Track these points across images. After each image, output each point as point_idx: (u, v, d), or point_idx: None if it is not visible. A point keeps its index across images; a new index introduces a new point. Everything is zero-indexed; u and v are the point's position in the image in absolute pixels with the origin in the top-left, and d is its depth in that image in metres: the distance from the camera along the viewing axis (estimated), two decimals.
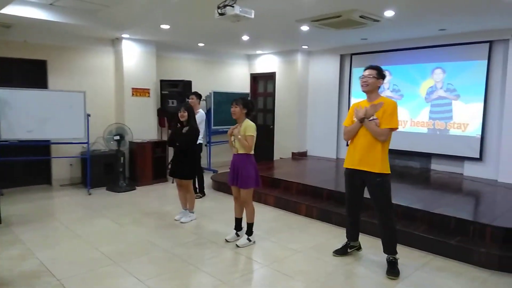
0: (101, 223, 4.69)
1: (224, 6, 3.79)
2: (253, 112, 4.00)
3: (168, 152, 7.05)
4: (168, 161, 6.95)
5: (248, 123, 3.88)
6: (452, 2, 4.43)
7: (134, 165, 6.80)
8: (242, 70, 9.18)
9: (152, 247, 3.92)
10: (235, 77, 9.04)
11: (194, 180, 5.98)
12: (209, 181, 6.68)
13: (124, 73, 6.84)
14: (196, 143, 4.74)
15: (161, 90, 7.28)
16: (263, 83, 9.24)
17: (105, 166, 6.47)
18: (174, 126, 4.82)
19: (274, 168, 7.25)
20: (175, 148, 4.69)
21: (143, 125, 7.05)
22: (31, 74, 6.29)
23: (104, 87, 7.01)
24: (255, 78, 9.31)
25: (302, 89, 8.40)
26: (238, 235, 4.11)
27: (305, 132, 8.58)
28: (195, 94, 5.91)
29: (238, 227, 4.16)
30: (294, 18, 5.20)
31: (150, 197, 6.03)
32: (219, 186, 6.38)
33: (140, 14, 5.41)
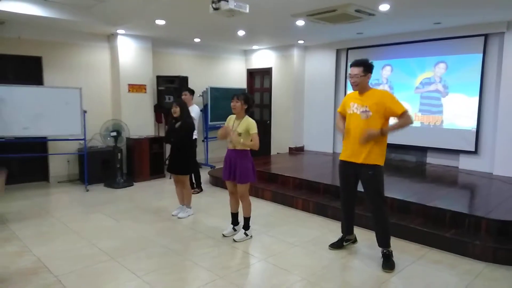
0: (98, 219, 4.70)
1: (218, 0, 3.78)
2: (252, 108, 4.00)
3: (165, 148, 7.04)
4: (165, 156, 6.95)
5: (249, 121, 3.86)
6: None
7: (132, 161, 6.80)
8: (238, 65, 9.16)
9: (149, 243, 3.93)
10: (232, 72, 9.02)
11: (191, 175, 6.00)
12: (206, 176, 6.70)
13: (120, 69, 6.81)
14: (191, 138, 4.73)
15: (157, 86, 7.27)
16: (260, 79, 9.23)
17: (102, 163, 6.47)
18: (169, 122, 4.83)
19: (271, 163, 7.26)
20: (171, 144, 4.70)
21: (140, 121, 7.04)
22: (26, 70, 6.26)
23: (100, 83, 6.99)
24: (252, 74, 9.30)
25: (299, 84, 8.40)
26: (235, 230, 4.13)
27: (301, 127, 8.59)
28: (188, 90, 5.94)
29: (235, 222, 4.17)
30: (290, 12, 5.19)
31: (147, 193, 6.04)
32: (217, 181, 6.39)
33: (135, 9, 5.38)
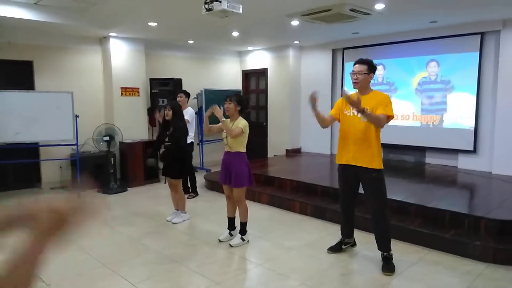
0: (91, 226, 4.58)
1: (211, 1, 3.71)
2: (246, 109, 3.93)
3: (159, 153, 6.95)
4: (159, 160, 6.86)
5: (241, 121, 3.80)
6: None
7: (125, 166, 6.69)
8: (233, 67, 9.09)
9: (143, 249, 3.84)
10: (227, 74, 8.95)
11: (186, 179, 5.91)
12: (202, 180, 6.60)
13: (112, 72, 6.71)
14: (183, 142, 4.64)
15: (151, 89, 7.18)
16: (255, 80, 9.16)
17: (95, 168, 6.36)
18: (161, 126, 4.75)
19: (268, 165, 7.18)
20: (164, 148, 4.61)
21: (134, 125, 6.94)
22: (17, 75, 6.14)
23: (92, 87, 6.89)
24: (247, 75, 9.23)
25: (295, 85, 8.34)
26: (231, 235, 4.05)
27: (298, 128, 8.53)
28: (184, 92, 5.91)
29: (232, 227, 4.09)
30: (284, 12, 5.12)
31: (142, 198, 5.94)
32: (212, 185, 6.30)
33: (127, 12, 5.30)
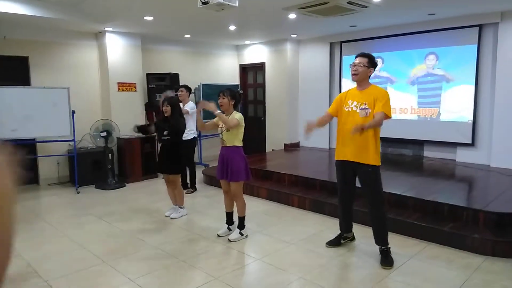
0: (89, 222, 4.59)
1: None
2: (239, 103, 3.93)
3: (157, 147, 6.93)
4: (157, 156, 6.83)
5: (236, 114, 3.80)
6: None
7: (123, 161, 6.67)
8: (230, 61, 9.04)
9: (142, 245, 3.83)
10: (224, 68, 8.90)
11: (185, 175, 5.89)
12: (200, 175, 6.59)
13: (109, 67, 6.67)
14: (181, 138, 4.62)
15: (147, 84, 7.13)
16: (253, 74, 9.12)
17: (93, 164, 6.34)
18: (159, 120, 4.72)
19: (266, 160, 7.17)
20: (162, 142, 4.59)
21: (131, 120, 6.86)
22: (13, 71, 6.10)
23: (89, 83, 6.85)
24: (245, 69, 9.18)
25: (293, 79, 8.30)
26: (230, 230, 4.04)
27: (296, 122, 8.50)
28: (185, 87, 5.82)
29: (230, 221, 4.08)
30: (281, 6, 5.08)
31: (140, 193, 5.92)
32: (211, 180, 6.29)
33: (121, 6, 5.25)
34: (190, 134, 5.59)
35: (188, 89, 5.83)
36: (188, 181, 5.91)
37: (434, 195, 4.30)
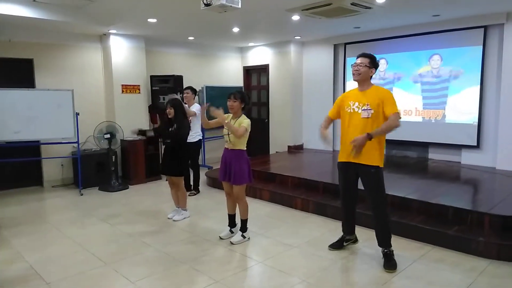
0: (92, 224, 4.59)
1: None
2: (248, 105, 3.91)
3: (161, 149, 6.93)
4: (161, 158, 6.84)
5: (244, 119, 3.76)
6: None
7: (127, 163, 6.68)
8: (234, 63, 9.04)
9: (144, 247, 3.83)
10: (228, 70, 8.90)
11: (189, 177, 5.89)
12: (203, 177, 6.58)
13: (113, 69, 6.69)
14: (185, 140, 4.61)
15: (151, 86, 7.15)
16: (257, 76, 9.11)
17: (96, 166, 6.35)
18: (163, 122, 4.71)
19: (269, 162, 7.15)
20: (166, 145, 4.59)
21: (135, 122, 6.91)
22: (18, 73, 6.14)
23: (93, 85, 6.88)
24: (248, 71, 9.18)
25: (296, 80, 8.28)
26: (232, 232, 4.02)
27: (300, 124, 8.48)
28: (190, 88, 5.81)
29: (232, 224, 4.07)
30: (284, 7, 5.07)
31: (143, 195, 5.92)
32: (214, 182, 6.27)
33: (125, 8, 5.27)
34: (196, 136, 5.59)
35: (193, 91, 5.82)
36: (191, 183, 5.91)
37: (439, 198, 4.26)
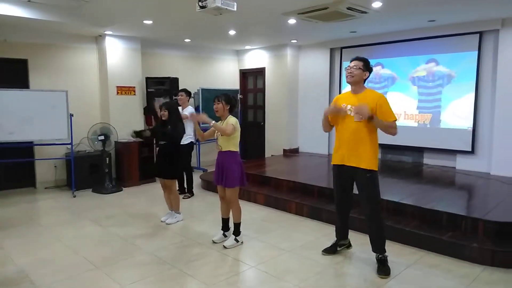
0: (84, 227, 4.54)
1: None
2: (235, 108, 3.92)
3: (155, 151, 6.90)
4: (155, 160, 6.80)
5: (230, 118, 3.78)
6: None
7: (121, 165, 6.64)
8: (231, 66, 9.03)
9: (136, 250, 3.79)
10: (224, 73, 8.89)
11: (183, 179, 5.85)
12: (198, 180, 6.55)
13: (108, 71, 6.65)
14: (179, 143, 4.59)
15: (147, 88, 7.12)
16: (253, 79, 9.10)
17: (90, 167, 6.30)
18: (157, 124, 4.69)
19: (264, 165, 7.12)
20: (160, 146, 4.56)
21: (129, 124, 6.88)
22: (12, 73, 6.09)
23: (88, 86, 6.83)
24: (245, 74, 9.17)
25: (292, 84, 8.28)
26: (225, 236, 3.99)
27: (296, 128, 8.47)
28: (185, 91, 5.80)
29: (225, 228, 4.04)
30: (280, 11, 5.07)
31: (136, 198, 5.87)
32: (208, 185, 6.24)
33: (121, 9, 5.24)
34: (187, 138, 5.56)
35: (187, 93, 5.81)
36: (185, 185, 5.87)
37: (433, 203, 4.25)
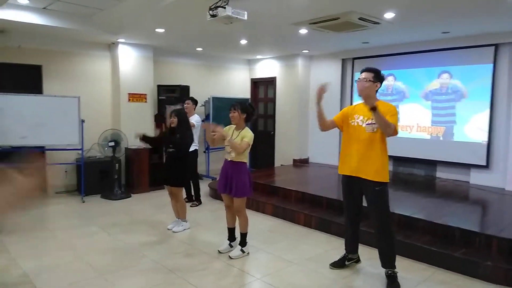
0: (91, 233, 4.54)
1: (215, 7, 3.66)
2: (253, 116, 3.83)
3: (164, 158, 6.90)
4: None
5: (247, 133, 3.69)
6: (453, 3, 4.25)
7: (130, 172, 6.65)
8: (242, 75, 9.05)
9: (140, 258, 3.76)
10: (235, 82, 8.91)
11: (190, 187, 5.83)
12: (206, 188, 6.52)
13: (120, 78, 6.72)
14: (187, 151, 4.57)
15: (158, 95, 7.17)
16: (264, 88, 9.10)
17: (100, 173, 6.33)
18: (167, 131, 4.69)
19: (274, 175, 7.07)
20: (168, 154, 4.55)
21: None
22: (26, 79, 6.19)
23: (100, 92, 6.91)
24: (256, 83, 9.18)
25: (303, 94, 8.24)
26: (231, 246, 3.94)
27: (306, 138, 8.40)
28: (191, 99, 5.84)
29: (232, 237, 3.98)
30: (291, 21, 5.05)
31: (145, 205, 5.87)
32: (216, 194, 6.18)
33: (133, 18, 5.30)
34: (193, 146, 5.55)
35: (194, 101, 5.84)
36: (192, 193, 5.85)
37: (446, 218, 4.14)
